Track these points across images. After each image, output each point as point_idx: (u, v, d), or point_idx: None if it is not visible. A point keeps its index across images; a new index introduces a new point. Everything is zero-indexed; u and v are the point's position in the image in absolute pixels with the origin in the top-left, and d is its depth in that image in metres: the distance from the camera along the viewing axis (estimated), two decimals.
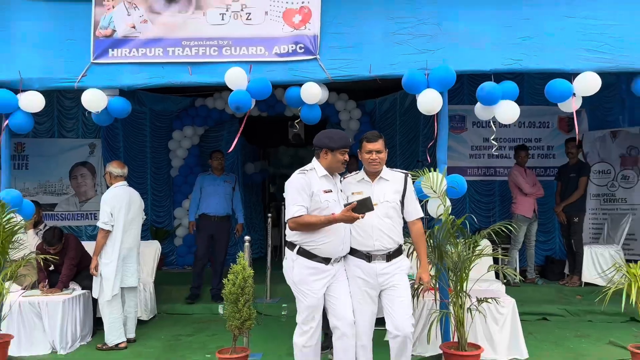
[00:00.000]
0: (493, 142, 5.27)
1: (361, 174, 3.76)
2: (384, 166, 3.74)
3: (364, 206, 3.31)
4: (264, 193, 11.20)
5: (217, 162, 6.82)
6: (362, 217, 3.35)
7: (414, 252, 3.97)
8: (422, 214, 3.79)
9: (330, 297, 3.59)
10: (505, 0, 4.95)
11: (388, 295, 3.61)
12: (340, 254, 3.63)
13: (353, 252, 3.66)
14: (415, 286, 3.93)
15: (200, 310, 6.55)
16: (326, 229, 3.48)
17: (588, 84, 4.78)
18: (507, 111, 4.84)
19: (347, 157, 3.62)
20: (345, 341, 3.56)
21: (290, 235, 3.61)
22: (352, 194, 3.65)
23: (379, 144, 3.62)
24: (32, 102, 5.10)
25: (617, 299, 4.32)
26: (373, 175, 3.70)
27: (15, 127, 5.18)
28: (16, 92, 5.09)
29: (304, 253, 3.54)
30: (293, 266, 3.59)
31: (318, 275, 3.53)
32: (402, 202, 3.69)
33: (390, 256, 3.61)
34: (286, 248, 3.69)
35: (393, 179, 3.71)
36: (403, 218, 3.77)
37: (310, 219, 3.47)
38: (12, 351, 4.84)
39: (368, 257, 3.60)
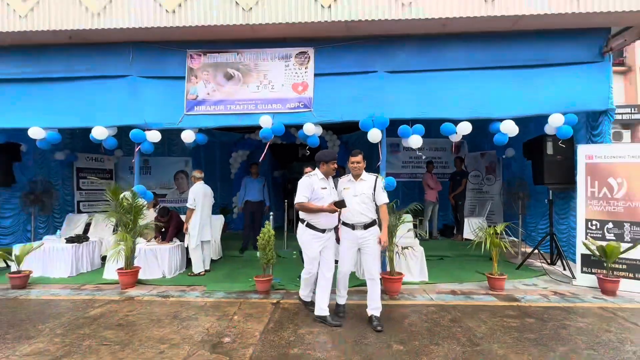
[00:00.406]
0: (421, 154, 5.34)
1: (350, 176, 3.60)
2: (364, 171, 3.56)
3: (340, 204, 3.35)
4: (284, 189, 11.16)
5: (255, 170, 6.78)
6: (340, 210, 3.38)
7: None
8: (387, 201, 3.57)
9: (323, 254, 3.54)
10: (416, 79, 5.01)
11: (364, 252, 3.50)
12: (331, 227, 3.55)
13: (344, 224, 3.54)
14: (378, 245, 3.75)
15: (247, 255, 6.52)
16: (324, 213, 3.44)
17: (464, 127, 4.87)
18: (416, 140, 4.96)
19: (335, 165, 3.54)
20: (325, 278, 3.54)
21: (301, 215, 3.54)
22: (344, 189, 3.54)
23: (359, 158, 3.48)
24: (153, 136, 5.19)
25: (480, 247, 4.46)
26: (356, 176, 3.53)
27: (144, 150, 5.26)
28: (144, 130, 5.18)
29: (309, 226, 3.49)
30: (303, 233, 3.53)
31: (317, 239, 3.49)
32: (373, 194, 3.51)
33: (366, 226, 3.46)
34: (299, 222, 3.60)
35: (368, 179, 3.53)
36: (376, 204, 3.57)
37: (308, 205, 3.42)
38: (140, 276, 4.96)
39: (352, 226, 3.49)
